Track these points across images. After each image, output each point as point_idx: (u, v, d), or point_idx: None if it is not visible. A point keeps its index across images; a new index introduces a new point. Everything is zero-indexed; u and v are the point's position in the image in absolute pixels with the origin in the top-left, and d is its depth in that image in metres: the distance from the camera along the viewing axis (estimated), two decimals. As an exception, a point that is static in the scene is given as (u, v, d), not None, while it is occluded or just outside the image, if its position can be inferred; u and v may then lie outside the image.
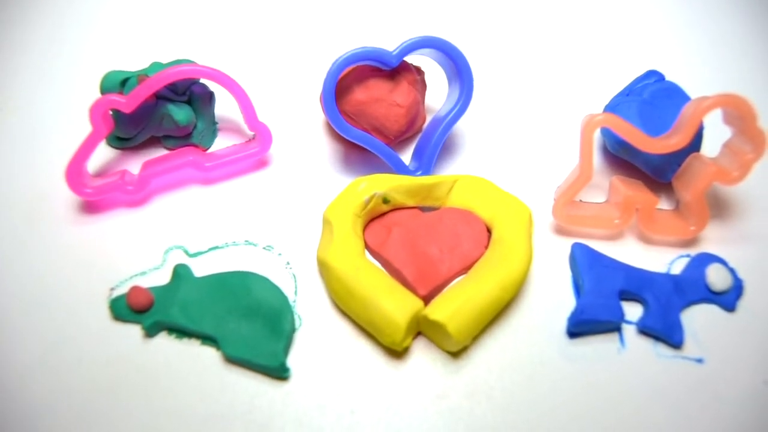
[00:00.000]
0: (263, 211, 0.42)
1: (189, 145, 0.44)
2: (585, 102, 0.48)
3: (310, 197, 0.43)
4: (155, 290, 0.37)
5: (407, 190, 0.41)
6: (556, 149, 0.46)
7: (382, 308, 0.35)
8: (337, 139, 0.46)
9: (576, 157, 0.40)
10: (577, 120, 0.41)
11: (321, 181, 0.44)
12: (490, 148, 0.46)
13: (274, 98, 0.48)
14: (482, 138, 0.47)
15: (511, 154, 0.46)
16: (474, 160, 0.46)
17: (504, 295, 0.36)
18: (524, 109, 0.49)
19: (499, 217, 0.39)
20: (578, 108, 0.47)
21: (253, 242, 0.41)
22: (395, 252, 0.38)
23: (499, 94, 0.49)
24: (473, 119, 0.47)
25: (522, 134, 0.47)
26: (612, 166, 0.45)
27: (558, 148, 0.46)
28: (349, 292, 0.36)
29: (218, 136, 0.46)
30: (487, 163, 0.45)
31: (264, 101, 0.46)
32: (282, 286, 0.38)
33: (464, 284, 0.36)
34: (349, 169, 0.45)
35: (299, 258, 0.40)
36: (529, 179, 0.44)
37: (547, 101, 0.49)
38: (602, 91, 0.47)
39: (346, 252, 0.37)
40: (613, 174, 0.44)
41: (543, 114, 0.48)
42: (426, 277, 0.38)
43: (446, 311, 0.35)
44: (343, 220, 0.38)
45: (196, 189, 0.43)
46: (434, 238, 0.39)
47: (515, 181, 0.44)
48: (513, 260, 0.37)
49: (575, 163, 0.41)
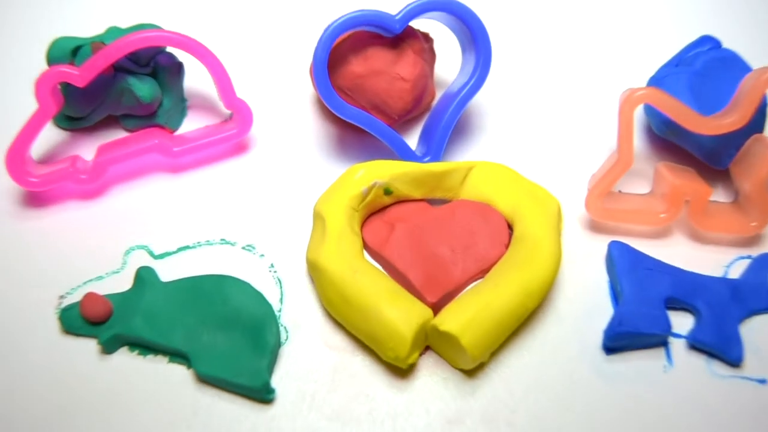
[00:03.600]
0: (242, 205, 0.43)
1: (153, 125, 0.45)
2: (625, 74, 0.49)
3: (298, 188, 0.44)
4: (114, 298, 0.38)
5: (413, 180, 0.41)
6: (590, 130, 0.47)
7: (384, 318, 0.35)
8: (330, 120, 0.47)
9: (614, 139, 0.41)
10: (616, 95, 0.42)
11: (311, 168, 0.45)
12: (511, 129, 0.47)
13: (255, 70, 0.49)
14: (502, 117, 0.47)
15: (536, 136, 0.47)
16: (492, 143, 0.46)
17: (528, 302, 0.36)
18: (552, 82, 0.49)
19: (522, 210, 0.40)
20: (617, 81, 0.47)
21: (230, 241, 0.41)
22: (399, 252, 0.39)
23: (521, 65, 0.50)
24: (491, 95, 0.48)
25: (549, 112, 0.48)
26: (657, 151, 0.46)
27: (592, 129, 0.47)
28: (344, 300, 0.36)
29: (188, 115, 0.47)
30: (507, 147, 0.46)
31: (243, 74, 0.47)
32: (265, 293, 0.38)
33: (481, 290, 0.36)
34: (345, 154, 0.45)
35: (285, 259, 0.41)
36: (558, 166, 0.45)
37: (579, 73, 0.50)
38: (646, 61, 0.48)
39: (341, 252, 0.37)
40: (659, 160, 0.45)
41: (574, 88, 0.49)
42: (435, 281, 0.38)
43: (459, 321, 0.35)
44: (337, 214, 0.39)
45: (162, 178, 0.44)
46: (445, 235, 0.40)
47: (541, 169, 0.44)
48: (538, 261, 0.37)
49: (613, 146, 0.42)
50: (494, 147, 0.46)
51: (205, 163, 0.45)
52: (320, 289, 0.38)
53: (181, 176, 0.44)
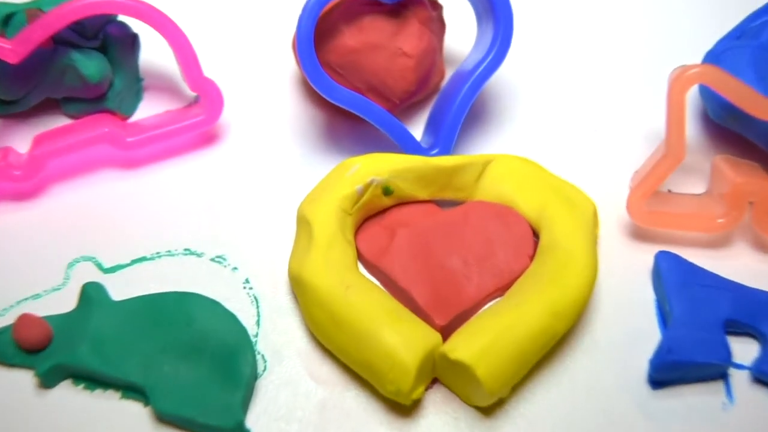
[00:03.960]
0: (211, 207, 0.43)
1: (102, 111, 0.45)
2: (675, 49, 0.49)
3: (278, 187, 0.44)
4: (55, 320, 0.38)
5: (418, 177, 0.41)
6: (632, 117, 0.47)
7: (383, 344, 0.35)
8: (317, 104, 0.47)
9: (662, 128, 0.41)
10: (664, 75, 0.42)
11: (294, 163, 0.45)
12: (536, 116, 0.47)
13: (227, 44, 0.49)
14: (525, 101, 0.47)
15: (566, 123, 0.47)
16: (514, 132, 0.46)
17: (556, 325, 0.36)
18: (586, 58, 0.49)
19: (550, 214, 0.40)
20: (665, 57, 0.47)
21: (196, 251, 0.42)
22: (401, 265, 0.39)
23: (549, 37, 0.50)
24: (513, 74, 0.48)
25: (583, 95, 0.48)
26: (715, 141, 0.46)
27: (635, 115, 0.47)
28: (334, 322, 0.37)
29: (144, 98, 0.47)
30: (532, 137, 0.46)
31: (211, 48, 0.47)
32: (238, 313, 0.38)
33: (500, 310, 0.37)
34: (335, 146, 0.45)
35: (263, 273, 0.41)
36: (594, 160, 0.45)
37: (619, 47, 0.50)
38: (701, 33, 0.47)
39: (331, 264, 0.38)
40: (717, 153, 0.45)
41: (613, 66, 0.49)
42: (445, 300, 0.38)
43: (474, 348, 0.35)
44: (326, 219, 0.39)
45: (112, 175, 0.44)
46: (457, 244, 0.40)
47: (573, 163, 0.45)
48: (570, 276, 0.37)
49: (661, 136, 0.42)
50: (516, 137, 0.46)
51: (165, 156, 0.45)
52: (305, 309, 0.38)
53: (136, 173, 0.44)
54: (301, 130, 0.46)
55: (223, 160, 0.45)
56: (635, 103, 0.47)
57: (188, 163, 0.45)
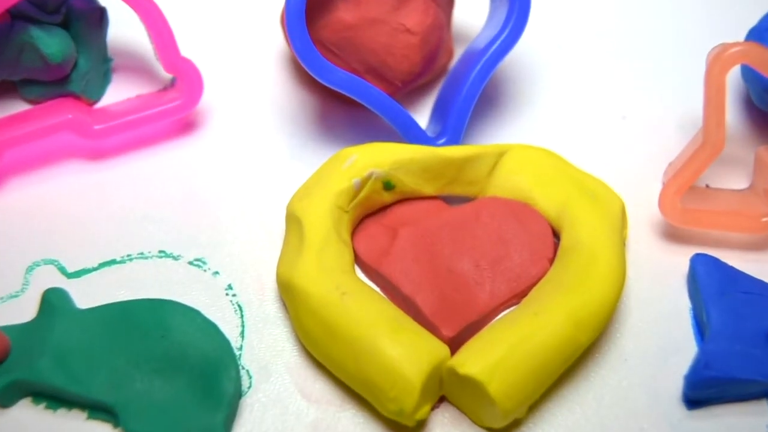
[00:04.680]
0: (189, 204, 0.43)
1: (65, 95, 0.45)
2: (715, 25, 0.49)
3: (265, 181, 0.44)
4: (12, 331, 0.38)
5: (423, 169, 0.42)
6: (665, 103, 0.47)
7: (384, 357, 0.35)
8: (308, 87, 0.47)
9: (699, 115, 0.41)
10: (702, 54, 0.41)
11: (283, 154, 0.45)
12: (556, 101, 0.47)
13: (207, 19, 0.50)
14: (544, 84, 0.48)
15: (590, 110, 0.47)
16: (531, 120, 0.47)
17: (579, 336, 0.37)
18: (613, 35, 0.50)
19: (572, 211, 0.40)
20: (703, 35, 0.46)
21: (173, 253, 0.42)
22: (404, 269, 0.39)
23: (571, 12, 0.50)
24: (530, 53, 0.48)
25: (609, 78, 0.48)
26: (759, 130, 0.46)
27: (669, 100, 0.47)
28: (329, 332, 0.37)
29: (113, 81, 0.47)
30: (552, 125, 0.47)
31: (190, 24, 0.47)
32: (220, 323, 0.38)
33: (515, 320, 0.37)
34: (329, 134, 0.46)
35: (248, 278, 0.41)
36: (621, 151, 0.46)
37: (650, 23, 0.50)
38: (744, 7, 0.48)
39: (325, 268, 0.38)
40: (761, 143, 0.45)
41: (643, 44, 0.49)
42: (454, 308, 0.38)
43: (486, 363, 0.35)
44: (319, 217, 0.39)
45: (78, 167, 0.44)
46: (467, 246, 0.40)
47: (598, 154, 0.45)
48: (594, 282, 0.37)
49: (698, 124, 0.42)
50: (534, 124, 0.46)
51: (137, 146, 0.45)
52: (296, 319, 0.38)
53: (103, 165, 0.44)
54: (291, 117, 0.46)
55: (203, 150, 0.45)
56: (669, 87, 0.48)
57: (163, 154, 0.45)
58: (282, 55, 0.49)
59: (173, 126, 0.46)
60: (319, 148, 0.45)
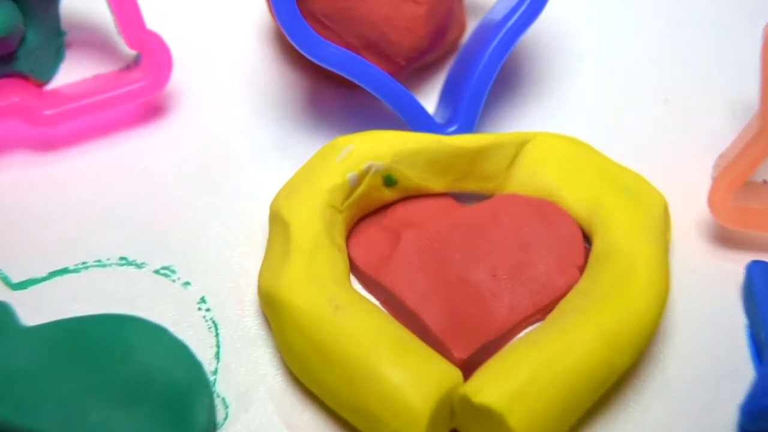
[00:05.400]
0: (156, 203, 0.43)
1: (11, 74, 0.45)
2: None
3: (245, 175, 0.44)
4: None
5: (431, 162, 0.42)
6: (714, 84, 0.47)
7: (385, 383, 0.35)
8: (297, 66, 0.48)
9: (753, 98, 0.41)
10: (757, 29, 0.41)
11: (267, 144, 0.46)
12: (587, 82, 0.48)
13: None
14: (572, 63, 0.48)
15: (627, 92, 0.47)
16: (557, 104, 0.47)
17: (615, 359, 0.37)
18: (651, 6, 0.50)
19: (606, 211, 0.40)
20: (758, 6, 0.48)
21: (136, 261, 0.42)
22: (408, 279, 0.39)
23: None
24: (555, 27, 0.48)
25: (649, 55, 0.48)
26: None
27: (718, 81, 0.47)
28: (320, 354, 0.37)
29: (67, 57, 0.47)
30: (581, 111, 0.47)
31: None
32: (192, 343, 0.38)
33: (539, 340, 0.37)
34: (321, 121, 0.46)
35: (224, 290, 0.41)
36: (663, 141, 0.46)
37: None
38: None
39: (316, 278, 0.38)
40: None
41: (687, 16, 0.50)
42: (467, 326, 0.38)
43: (505, 390, 0.35)
44: (308, 218, 0.39)
45: (25, 159, 0.44)
46: (482, 251, 0.40)
47: (636, 144, 0.45)
48: (632, 294, 0.38)
49: (752, 109, 0.42)
50: (560, 109, 0.47)
51: (94, 135, 0.45)
52: (281, 338, 0.38)
53: (55, 157, 0.45)
54: (276, 101, 0.47)
55: (173, 140, 0.45)
56: (719, 65, 0.48)
57: (125, 144, 0.45)
58: (265, 29, 0.49)
59: (137, 111, 0.46)
60: (309, 137, 0.45)
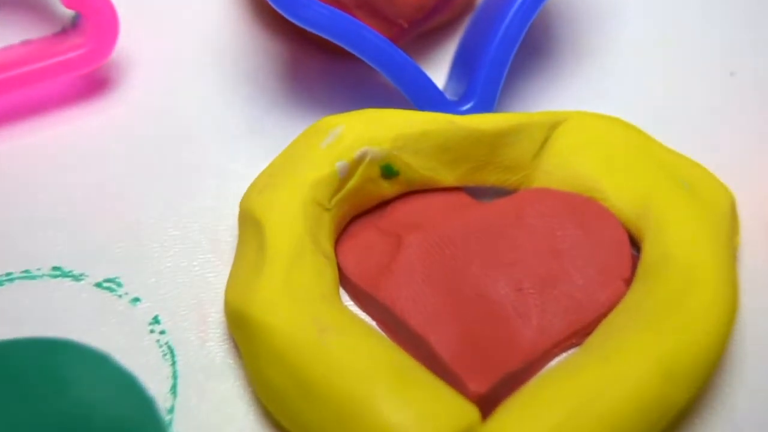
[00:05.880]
0: (98, 199, 0.43)
1: None
2: None
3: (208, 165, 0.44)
4: None
5: (440, 148, 0.41)
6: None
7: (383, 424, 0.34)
8: (274, 30, 0.47)
9: None
10: None
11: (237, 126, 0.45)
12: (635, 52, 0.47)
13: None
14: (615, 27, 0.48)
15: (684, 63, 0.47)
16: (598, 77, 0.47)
17: (672, 392, 0.35)
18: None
19: (659, 210, 0.40)
20: None
21: (72, 271, 0.41)
22: (412, 294, 0.39)
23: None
24: None
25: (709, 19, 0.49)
26: None
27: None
28: (302, 388, 0.35)
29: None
30: (628, 86, 0.47)
31: None
32: (142, 375, 0.38)
33: (578, 370, 0.36)
34: (303, 97, 0.46)
35: (183, 308, 0.40)
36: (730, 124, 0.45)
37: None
38: None
39: (297, 293, 0.37)
40: None
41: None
42: (485, 352, 0.37)
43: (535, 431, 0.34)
44: (288, 218, 0.38)
45: None
46: (504, 260, 0.39)
47: (695, 128, 0.45)
48: (692, 312, 0.36)
49: None
50: (602, 84, 0.47)
51: (22, 115, 0.45)
52: (253, 368, 0.37)
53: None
54: (248, 73, 0.46)
55: (118, 122, 0.45)
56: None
57: (61, 127, 0.45)
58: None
59: (75, 86, 0.45)
60: (289, 117, 0.45)
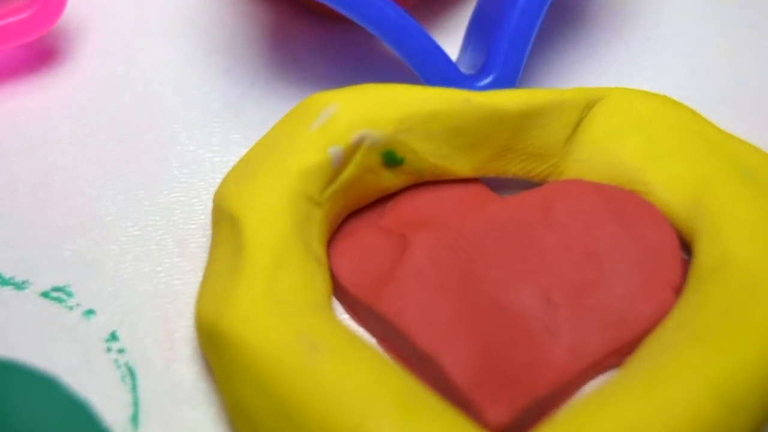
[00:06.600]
0: (44, 192, 0.43)
1: None
2: None
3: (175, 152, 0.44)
4: None
5: (453, 131, 0.40)
6: None
7: None
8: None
9: None
10: None
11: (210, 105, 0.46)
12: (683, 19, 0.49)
13: None
14: None
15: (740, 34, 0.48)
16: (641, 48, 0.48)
17: (731, 419, 0.35)
18: None
19: (715, 206, 0.39)
20: None
21: (14, 278, 0.41)
22: (420, 305, 0.38)
23: None
24: None
25: None
26: None
27: None
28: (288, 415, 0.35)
29: None
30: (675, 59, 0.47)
31: None
32: (97, 401, 0.38)
33: (618, 395, 0.35)
34: (290, 70, 0.46)
35: (145, 322, 0.40)
36: None
37: None
38: None
39: (281, 305, 0.36)
40: None
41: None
42: (507, 375, 0.37)
43: None
44: (271, 214, 0.38)
45: None
46: (530, 265, 0.39)
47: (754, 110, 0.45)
48: (756, 326, 0.36)
49: None
50: (645, 56, 0.47)
51: None
52: (229, 391, 0.37)
53: None
54: (225, 41, 0.47)
55: (69, 99, 0.45)
56: None
57: (2, 105, 0.45)
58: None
59: (19, 56, 0.46)
60: (273, 93, 0.45)
